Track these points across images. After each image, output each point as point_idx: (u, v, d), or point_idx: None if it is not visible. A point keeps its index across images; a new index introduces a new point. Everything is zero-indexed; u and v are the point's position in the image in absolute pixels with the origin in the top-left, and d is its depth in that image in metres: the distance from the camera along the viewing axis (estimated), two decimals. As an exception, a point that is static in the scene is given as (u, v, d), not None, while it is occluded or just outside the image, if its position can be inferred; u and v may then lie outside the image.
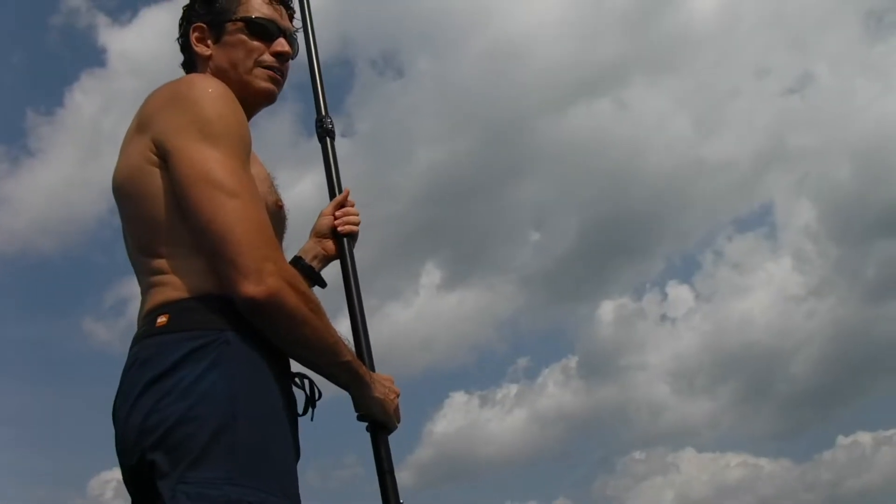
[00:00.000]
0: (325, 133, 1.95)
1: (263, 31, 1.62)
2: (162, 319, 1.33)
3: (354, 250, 1.85)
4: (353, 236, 1.84)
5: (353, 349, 1.65)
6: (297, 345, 1.38)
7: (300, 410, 1.45)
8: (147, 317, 1.38)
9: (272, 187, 1.55)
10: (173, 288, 1.36)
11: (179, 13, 1.72)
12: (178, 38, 1.69)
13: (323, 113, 1.97)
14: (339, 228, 1.83)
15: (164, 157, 1.39)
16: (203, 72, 1.62)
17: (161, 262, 1.39)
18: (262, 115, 1.83)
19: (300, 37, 1.84)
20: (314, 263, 1.84)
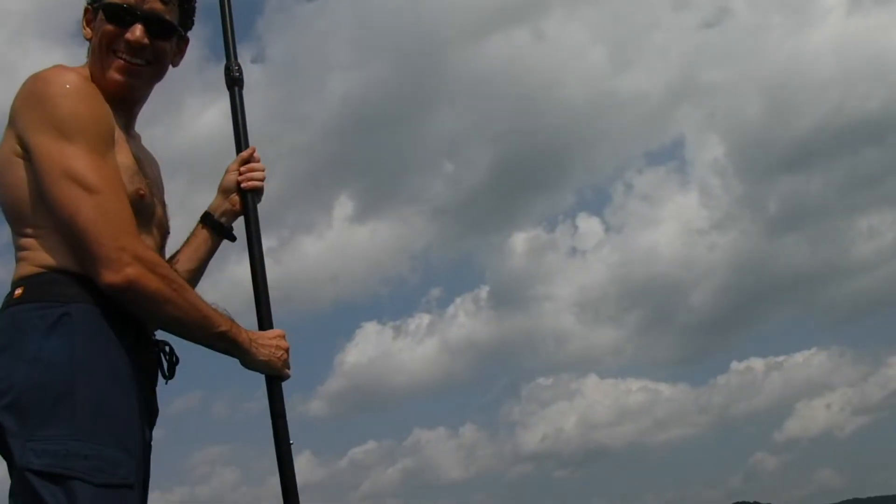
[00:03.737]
0: (232, 82, 1.98)
1: (115, 16, 1.63)
2: (18, 291, 1.49)
3: (259, 204, 1.95)
4: (257, 192, 1.92)
5: (254, 304, 1.82)
6: (164, 322, 1.56)
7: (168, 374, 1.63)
8: (10, 289, 1.53)
9: (137, 175, 1.61)
10: (32, 263, 1.51)
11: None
12: None
13: (232, 59, 2.00)
14: (242, 185, 1.91)
15: (27, 151, 1.51)
16: (89, 55, 1.67)
17: (25, 241, 1.54)
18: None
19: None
20: (223, 219, 1.93)
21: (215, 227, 1.93)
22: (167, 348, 1.64)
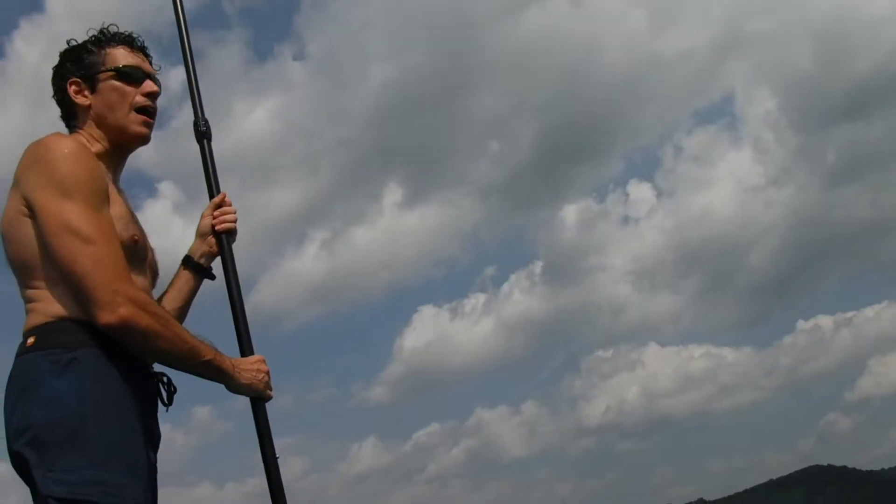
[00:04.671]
0: (200, 136, 2.19)
1: (131, 77, 1.92)
2: (30, 340, 1.69)
3: (235, 244, 2.15)
4: (230, 233, 2.13)
5: (231, 339, 2.02)
6: (156, 355, 1.77)
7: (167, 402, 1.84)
8: (23, 338, 1.73)
9: (130, 223, 1.83)
10: (40, 314, 1.71)
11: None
12: (53, 96, 1.95)
13: (199, 115, 2.21)
14: (216, 227, 2.12)
15: (31, 210, 1.72)
16: (84, 120, 1.91)
17: (33, 293, 1.74)
18: (209, 44, 2.33)
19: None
20: (202, 261, 2.14)
21: (195, 268, 2.13)
22: (165, 379, 1.83)
